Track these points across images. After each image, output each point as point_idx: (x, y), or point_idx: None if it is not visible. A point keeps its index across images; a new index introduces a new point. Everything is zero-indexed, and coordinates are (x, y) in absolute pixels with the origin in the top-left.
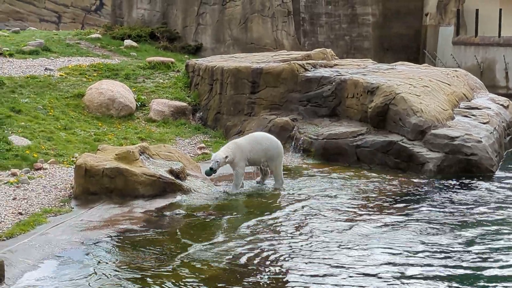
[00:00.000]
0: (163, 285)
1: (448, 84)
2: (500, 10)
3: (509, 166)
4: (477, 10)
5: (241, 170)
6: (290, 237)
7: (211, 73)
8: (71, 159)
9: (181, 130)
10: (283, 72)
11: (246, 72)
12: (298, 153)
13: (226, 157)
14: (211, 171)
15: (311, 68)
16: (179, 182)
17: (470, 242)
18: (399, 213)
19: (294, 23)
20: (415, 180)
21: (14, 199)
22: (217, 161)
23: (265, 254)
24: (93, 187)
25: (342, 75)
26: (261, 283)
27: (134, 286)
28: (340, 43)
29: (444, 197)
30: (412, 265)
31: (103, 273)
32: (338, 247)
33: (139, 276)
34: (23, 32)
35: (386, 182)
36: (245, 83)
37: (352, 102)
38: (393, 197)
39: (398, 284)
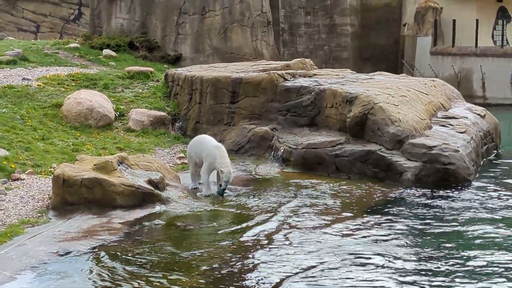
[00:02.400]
0: None
1: (426, 94)
2: (477, 20)
3: (486, 175)
4: (454, 21)
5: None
6: (266, 247)
7: (190, 83)
8: (49, 169)
9: (160, 140)
10: (263, 82)
11: (225, 82)
12: (278, 163)
13: None
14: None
15: (291, 78)
16: (158, 192)
17: (446, 252)
18: (375, 223)
19: (274, 33)
20: (393, 189)
21: None
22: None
23: (244, 263)
24: (71, 198)
25: (321, 85)
26: None
27: None
28: (319, 53)
29: (421, 207)
30: (386, 274)
31: (81, 285)
32: (315, 256)
33: (118, 287)
34: (0, 42)
35: (364, 192)
36: (225, 93)
37: (331, 111)
38: (371, 206)
39: None
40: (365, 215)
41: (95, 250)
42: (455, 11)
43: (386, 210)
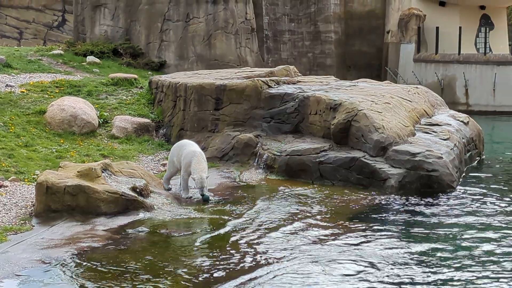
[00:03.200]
0: None
1: (409, 101)
2: (460, 28)
3: (470, 182)
4: (437, 28)
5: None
6: (249, 253)
7: (174, 90)
8: (32, 176)
9: (144, 147)
10: (247, 89)
11: (209, 89)
12: (262, 169)
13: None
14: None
15: (275, 85)
16: (142, 199)
17: (428, 259)
18: (358, 230)
19: (258, 40)
20: (377, 196)
21: None
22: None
23: (226, 270)
24: (55, 205)
25: (305, 91)
26: None
27: None
28: (303, 60)
29: (405, 213)
30: (366, 281)
31: None
32: (296, 263)
33: None
34: None
35: (347, 198)
36: (209, 100)
37: (315, 118)
38: (354, 213)
39: None
40: (348, 222)
41: (78, 257)
42: (438, 19)
43: (369, 217)
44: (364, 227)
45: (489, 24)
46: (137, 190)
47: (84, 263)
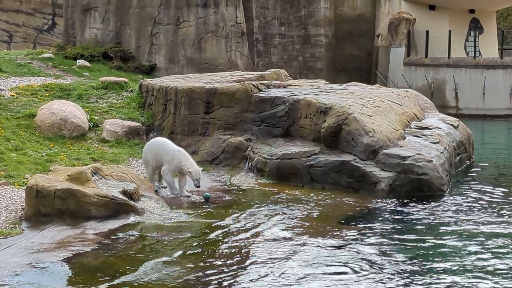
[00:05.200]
0: None
1: (399, 105)
2: (450, 31)
3: (459, 185)
4: (427, 32)
5: None
6: (240, 258)
7: (165, 93)
8: (22, 180)
9: (135, 151)
10: (237, 93)
11: (200, 92)
12: (252, 173)
13: None
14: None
15: (265, 89)
16: (132, 203)
17: (419, 262)
18: (349, 233)
19: (248, 44)
20: (367, 200)
21: None
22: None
23: (217, 274)
24: (45, 209)
25: (295, 95)
26: None
27: None
28: (293, 63)
29: (395, 217)
30: (356, 284)
31: None
32: (288, 267)
33: None
34: None
35: (338, 202)
36: (199, 103)
37: (306, 122)
38: (345, 217)
39: None
40: (338, 226)
41: (68, 261)
42: (428, 22)
43: (359, 220)
44: (354, 231)
45: (478, 28)
46: (128, 193)
47: (75, 267)
